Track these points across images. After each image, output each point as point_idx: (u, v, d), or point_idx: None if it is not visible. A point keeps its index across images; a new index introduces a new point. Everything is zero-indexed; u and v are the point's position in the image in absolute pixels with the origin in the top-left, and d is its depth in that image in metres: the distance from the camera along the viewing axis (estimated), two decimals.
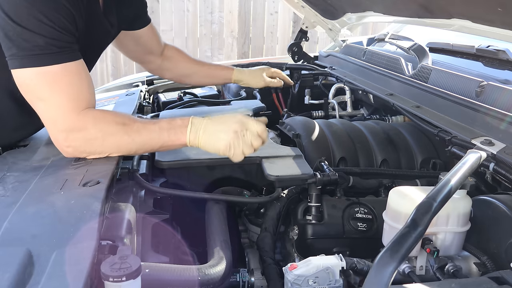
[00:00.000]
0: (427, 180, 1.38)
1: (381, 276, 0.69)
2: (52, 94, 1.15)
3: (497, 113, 1.21)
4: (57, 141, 1.20)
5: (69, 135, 1.18)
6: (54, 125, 1.18)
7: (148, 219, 1.15)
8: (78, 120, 1.17)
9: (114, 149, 1.20)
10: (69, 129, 1.17)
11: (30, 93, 1.17)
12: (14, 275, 0.71)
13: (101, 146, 1.19)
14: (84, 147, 1.19)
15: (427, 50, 1.87)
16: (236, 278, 1.11)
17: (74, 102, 1.17)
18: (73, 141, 1.18)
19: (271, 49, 5.58)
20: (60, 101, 1.16)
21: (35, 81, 1.14)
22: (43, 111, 1.18)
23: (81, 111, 1.18)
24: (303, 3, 2.37)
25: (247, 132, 1.20)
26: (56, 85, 1.15)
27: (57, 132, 1.18)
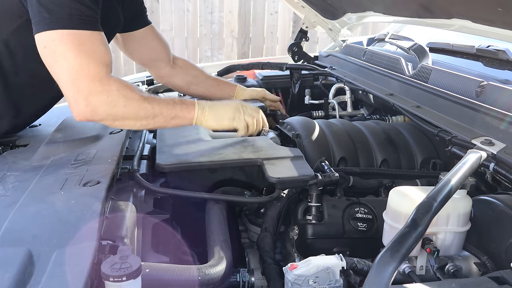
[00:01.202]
0: (427, 180, 1.38)
1: (381, 276, 0.69)
2: (79, 55, 1.22)
3: (497, 113, 1.21)
4: (76, 103, 1.24)
5: (92, 96, 1.23)
6: (76, 86, 1.23)
7: (148, 219, 1.15)
8: (102, 83, 1.24)
9: (134, 114, 1.29)
10: (92, 90, 1.23)
11: (54, 54, 1.23)
12: (15, 275, 0.71)
13: (122, 109, 1.27)
14: (105, 109, 1.25)
15: (427, 50, 1.87)
16: (236, 278, 1.11)
17: (98, 66, 1.25)
18: (94, 102, 1.24)
19: (271, 49, 5.58)
20: (86, 63, 1.23)
21: (63, 42, 1.21)
22: (65, 72, 1.23)
23: (104, 76, 1.25)
24: (303, 3, 2.37)
25: (246, 107, 1.48)
26: (82, 48, 1.23)
27: (78, 93, 1.23)
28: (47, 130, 1.54)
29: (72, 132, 1.45)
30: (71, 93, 1.24)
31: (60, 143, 1.35)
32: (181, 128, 1.59)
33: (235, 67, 2.48)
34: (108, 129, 1.44)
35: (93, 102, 1.23)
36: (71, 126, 1.51)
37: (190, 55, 5.47)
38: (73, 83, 1.23)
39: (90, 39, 1.26)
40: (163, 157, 1.34)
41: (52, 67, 1.25)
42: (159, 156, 1.35)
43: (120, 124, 1.33)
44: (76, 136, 1.40)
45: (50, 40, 1.22)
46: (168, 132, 1.55)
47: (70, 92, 1.25)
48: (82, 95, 1.23)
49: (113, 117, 1.28)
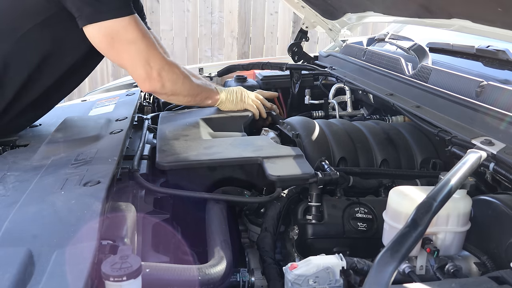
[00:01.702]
0: (427, 180, 1.38)
1: (381, 276, 0.69)
2: (142, 38, 1.37)
3: (497, 113, 1.21)
4: (150, 77, 1.41)
5: (163, 72, 1.43)
6: (147, 64, 1.40)
7: (149, 219, 1.15)
8: (167, 63, 1.44)
9: (186, 92, 1.54)
10: (162, 67, 1.42)
11: (119, 44, 1.35)
12: (15, 275, 0.71)
13: (180, 86, 1.50)
14: (170, 85, 1.46)
15: (427, 50, 1.87)
16: (236, 278, 1.11)
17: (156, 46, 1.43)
18: (164, 78, 1.44)
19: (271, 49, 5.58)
20: (150, 44, 1.40)
21: (129, 27, 1.35)
22: (135, 54, 1.38)
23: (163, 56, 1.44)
24: (303, 3, 2.37)
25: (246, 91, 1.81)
26: (141, 30, 1.38)
27: (152, 70, 1.41)
28: (47, 130, 1.54)
29: (72, 132, 1.45)
30: (143, 72, 1.40)
31: (60, 143, 1.35)
32: (181, 128, 1.59)
33: (235, 67, 2.49)
34: (108, 129, 1.45)
35: (164, 78, 1.43)
36: (71, 126, 1.51)
37: (190, 55, 5.47)
38: (146, 63, 1.39)
39: (139, 21, 1.39)
40: (163, 156, 1.34)
41: (120, 54, 1.39)
42: (159, 154, 1.35)
43: (174, 99, 1.57)
44: (76, 136, 1.40)
45: (116, 30, 1.33)
46: (168, 131, 1.56)
47: (142, 71, 1.40)
48: (155, 71, 1.41)
49: (173, 92, 1.50)
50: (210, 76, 2.65)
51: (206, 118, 1.71)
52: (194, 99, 1.61)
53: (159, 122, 1.69)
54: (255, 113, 1.77)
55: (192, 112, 1.82)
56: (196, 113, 1.77)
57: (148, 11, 5.21)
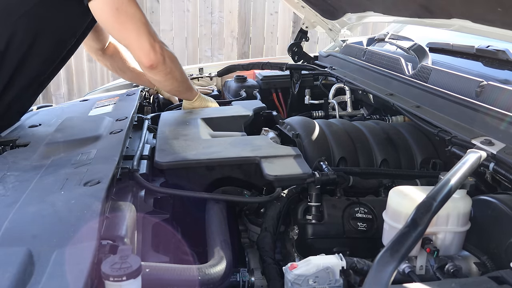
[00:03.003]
0: (427, 180, 1.38)
1: (381, 276, 0.69)
2: (141, 12, 1.49)
3: (497, 113, 1.21)
4: (155, 50, 1.51)
5: (164, 47, 1.53)
6: (152, 37, 1.50)
7: (148, 218, 1.15)
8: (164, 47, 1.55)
9: (179, 74, 1.67)
10: (162, 43, 1.53)
11: (125, 15, 1.46)
12: (15, 275, 0.71)
13: (177, 66, 1.62)
14: (169, 61, 1.56)
15: (427, 50, 1.87)
16: (236, 278, 1.11)
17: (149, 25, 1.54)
18: (165, 53, 1.54)
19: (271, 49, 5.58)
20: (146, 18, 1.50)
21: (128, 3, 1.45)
22: (141, 25, 1.48)
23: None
24: (303, 3, 2.37)
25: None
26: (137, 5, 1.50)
27: (155, 42, 1.50)
28: (47, 130, 1.54)
29: (72, 132, 1.45)
30: (149, 43, 1.49)
31: (60, 143, 1.35)
32: (181, 127, 1.59)
33: (235, 67, 2.49)
34: (108, 129, 1.44)
35: (165, 53, 1.53)
36: (71, 126, 1.51)
37: (190, 55, 5.47)
38: (150, 35, 1.49)
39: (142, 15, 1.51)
40: (161, 155, 1.34)
41: (124, 25, 1.47)
42: (158, 154, 1.35)
43: (167, 79, 1.64)
44: (76, 136, 1.40)
45: (120, 2, 1.44)
46: (168, 131, 1.56)
47: (147, 42, 1.49)
48: (158, 45, 1.50)
49: (171, 70, 1.59)
50: (210, 76, 2.65)
51: (206, 118, 1.71)
52: (181, 85, 1.72)
53: (159, 122, 1.69)
54: None
55: (192, 112, 1.82)
56: (196, 113, 1.77)
57: (148, 11, 5.21)
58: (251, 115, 1.76)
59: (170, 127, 1.61)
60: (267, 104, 1.95)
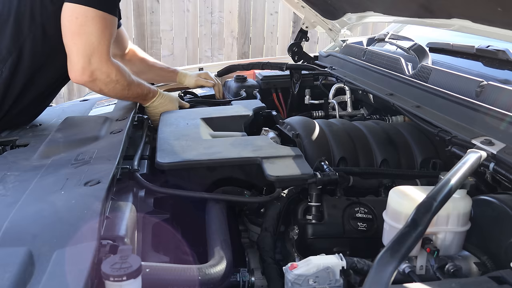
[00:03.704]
0: (427, 180, 1.38)
1: (381, 276, 0.69)
2: (101, 36, 1.48)
3: (497, 113, 1.21)
4: (83, 72, 1.49)
5: (97, 72, 1.51)
6: (88, 59, 1.48)
7: (149, 218, 1.15)
8: (108, 66, 1.53)
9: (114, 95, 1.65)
10: (99, 68, 1.51)
11: (81, 27, 1.45)
12: (15, 275, 0.71)
13: (109, 90, 1.60)
14: (101, 86, 1.56)
15: (427, 50, 1.87)
16: (236, 278, 1.11)
17: (109, 49, 1.53)
18: (98, 77, 1.53)
19: (271, 49, 5.58)
20: (103, 44, 1.49)
21: (95, 21, 1.45)
22: (84, 45, 1.47)
23: (110, 59, 1.54)
24: (303, 3, 2.37)
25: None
26: (106, 30, 1.49)
27: (89, 65, 1.49)
28: (47, 130, 1.54)
29: (72, 132, 1.45)
30: (81, 63, 1.48)
31: (60, 143, 1.35)
32: (181, 127, 1.59)
33: (235, 67, 2.49)
34: (108, 129, 1.45)
35: (97, 77, 1.52)
36: (71, 126, 1.51)
37: (190, 55, 5.47)
38: (87, 56, 1.47)
39: (112, 24, 1.51)
40: (162, 156, 1.34)
41: (73, 36, 1.46)
42: (159, 154, 1.35)
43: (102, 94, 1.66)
44: (76, 136, 1.40)
45: (84, 16, 1.44)
46: (168, 131, 1.56)
47: (80, 61, 1.48)
48: (90, 68, 1.49)
49: (101, 91, 1.61)
50: None
51: (206, 118, 1.71)
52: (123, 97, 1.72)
53: (159, 122, 1.69)
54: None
55: (192, 112, 1.82)
56: (196, 113, 1.77)
57: (148, 11, 5.21)
58: (251, 115, 1.76)
59: (170, 127, 1.61)
60: (267, 104, 1.95)
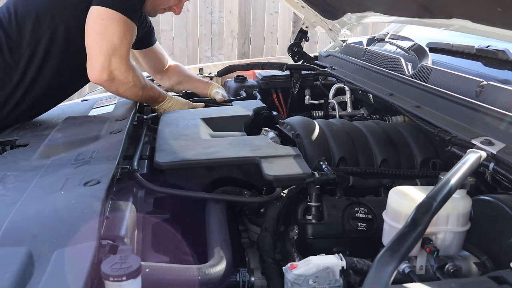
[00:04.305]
0: (427, 180, 1.38)
1: (381, 276, 0.69)
2: (123, 38, 1.57)
3: (497, 113, 1.21)
4: (102, 71, 1.57)
5: (116, 72, 1.59)
6: (108, 59, 1.56)
7: (148, 218, 1.15)
8: (126, 68, 1.61)
9: (127, 95, 1.72)
10: (118, 69, 1.59)
11: (106, 28, 1.55)
12: (15, 275, 0.71)
13: (124, 92, 1.68)
14: (116, 86, 1.64)
15: (427, 50, 1.87)
16: (236, 278, 1.11)
17: (128, 53, 1.62)
18: (116, 77, 1.60)
19: (271, 49, 5.58)
20: (124, 47, 1.58)
21: (118, 24, 1.56)
22: (107, 45, 1.55)
23: (129, 62, 1.63)
24: (303, 3, 2.37)
25: None
26: (127, 34, 1.59)
27: (109, 65, 1.57)
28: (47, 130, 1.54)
29: (72, 132, 1.45)
30: (101, 61, 1.56)
31: (60, 143, 1.35)
32: (181, 127, 1.59)
33: (235, 67, 2.49)
34: (108, 129, 1.45)
35: (115, 77, 1.59)
36: (71, 126, 1.51)
37: (190, 55, 5.47)
38: (108, 55, 1.55)
39: (132, 30, 1.61)
40: (161, 155, 1.34)
41: (96, 36, 1.55)
42: (158, 154, 1.35)
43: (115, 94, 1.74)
44: (76, 136, 1.40)
45: (109, 18, 1.54)
46: (168, 131, 1.56)
47: (101, 60, 1.56)
48: (110, 68, 1.57)
49: (116, 92, 1.68)
50: (210, 76, 2.65)
51: (206, 118, 1.71)
52: (136, 99, 1.78)
53: (159, 122, 1.69)
54: None
55: (192, 112, 1.82)
56: (196, 113, 1.77)
57: None
58: (251, 115, 1.76)
59: (170, 127, 1.61)
60: (267, 104, 1.95)
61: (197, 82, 2.28)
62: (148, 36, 2.12)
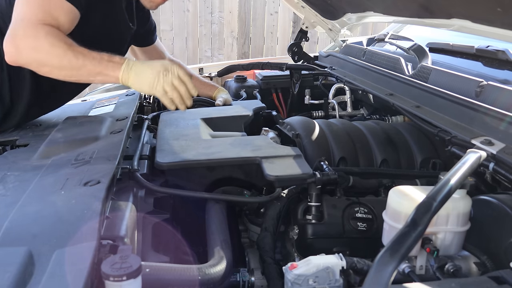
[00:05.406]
0: (427, 180, 1.38)
1: (381, 276, 0.69)
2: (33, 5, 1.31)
3: (497, 113, 1.21)
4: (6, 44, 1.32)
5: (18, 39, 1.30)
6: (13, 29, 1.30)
7: (149, 218, 1.15)
8: (32, 29, 1.30)
9: (57, 63, 1.33)
10: (21, 34, 1.30)
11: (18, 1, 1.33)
12: (15, 275, 0.71)
13: (46, 56, 1.31)
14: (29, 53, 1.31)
15: (427, 50, 1.87)
16: (236, 278, 1.11)
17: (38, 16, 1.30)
18: (21, 45, 1.30)
19: (271, 49, 5.58)
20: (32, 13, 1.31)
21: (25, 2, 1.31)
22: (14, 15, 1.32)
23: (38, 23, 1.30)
24: (303, 3, 2.37)
25: (169, 73, 1.40)
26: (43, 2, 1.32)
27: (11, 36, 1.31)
28: (47, 130, 1.54)
29: (72, 132, 1.45)
30: (7, 36, 1.31)
31: (60, 143, 1.35)
32: (181, 127, 1.60)
33: (235, 67, 2.49)
34: (108, 129, 1.45)
35: (20, 45, 1.30)
36: (71, 126, 1.51)
37: (190, 55, 5.47)
38: (12, 27, 1.30)
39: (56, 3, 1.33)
40: (162, 156, 1.34)
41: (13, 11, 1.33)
42: (158, 154, 1.35)
43: (47, 71, 1.36)
44: (76, 136, 1.40)
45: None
46: (168, 131, 1.56)
47: (7, 34, 1.31)
48: (12, 38, 1.30)
49: (38, 62, 1.33)
50: (210, 76, 2.65)
51: (206, 118, 1.71)
52: (76, 73, 1.36)
53: (159, 122, 1.69)
54: (162, 100, 1.44)
55: (192, 112, 1.82)
56: (196, 113, 1.77)
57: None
58: (251, 115, 1.76)
59: (170, 127, 1.61)
60: (267, 104, 1.95)
61: (201, 84, 2.13)
62: (149, 34, 2.06)
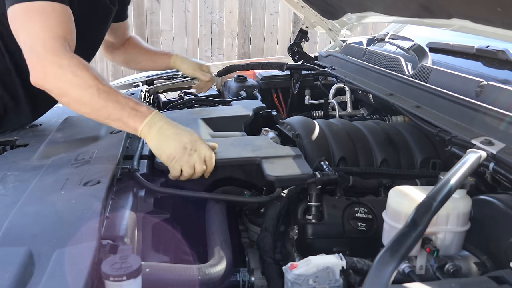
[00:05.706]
0: (427, 180, 1.38)
1: (381, 276, 0.69)
2: (37, 25, 1.25)
3: (497, 113, 1.21)
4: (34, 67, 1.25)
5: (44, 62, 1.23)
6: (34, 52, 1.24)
7: (149, 218, 1.15)
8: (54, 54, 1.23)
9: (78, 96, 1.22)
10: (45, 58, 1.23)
11: (18, 26, 1.28)
12: (15, 275, 0.71)
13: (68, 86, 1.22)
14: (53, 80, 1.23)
15: (427, 50, 1.87)
16: (236, 278, 1.11)
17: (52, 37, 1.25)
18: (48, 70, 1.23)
19: (271, 49, 5.59)
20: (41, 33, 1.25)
21: (24, 14, 1.25)
22: (26, 40, 1.26)
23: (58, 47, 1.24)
24: (303, 3, 2.37)
25: (195, 152, 1.23)
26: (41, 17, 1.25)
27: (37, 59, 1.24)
28: (47, 130, 1.54)
29: (72, 132, 1.45)
30: (29, 58, 1.25)
31: (60, 143, 1.35)
32: None
33: (235, 67, 2.49)
34: (109, 129, 1.45)
35: (47, 69, 1.22)
36: (71, 126, 1.51)
37: (190, 55, 5.46)
38: (31, 50, 1.24)
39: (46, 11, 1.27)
40: None
41: (17, 38, 1.28)
42: None
43: (67, 102, 1.27)
44: (76, 136, 1.40)
45: (15, 14, 1.27)
46: None
47: (29, 57, 1.25)
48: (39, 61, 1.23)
49: (60, 91, 1.25)
50: None
51: (206, 118, 1.71)
52: (95, 113, 1.24)
53: None
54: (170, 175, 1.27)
55: (192, 112, 1.82)
56: (196, 113, 1.77)
57: (148, 11, 5.21)
58: (251, 115, 1.76)
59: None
60: (267, 104, 1.96)
61: (155, 55, 2.08)
62: (123, 11, 1.92)
